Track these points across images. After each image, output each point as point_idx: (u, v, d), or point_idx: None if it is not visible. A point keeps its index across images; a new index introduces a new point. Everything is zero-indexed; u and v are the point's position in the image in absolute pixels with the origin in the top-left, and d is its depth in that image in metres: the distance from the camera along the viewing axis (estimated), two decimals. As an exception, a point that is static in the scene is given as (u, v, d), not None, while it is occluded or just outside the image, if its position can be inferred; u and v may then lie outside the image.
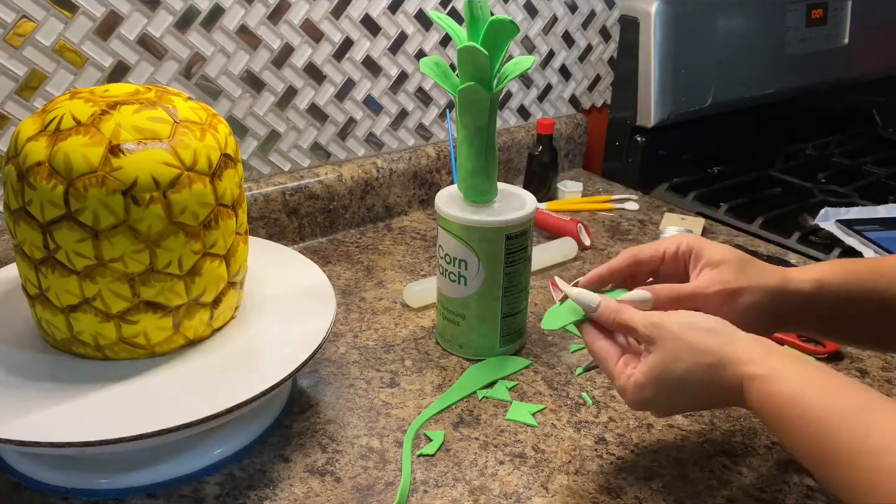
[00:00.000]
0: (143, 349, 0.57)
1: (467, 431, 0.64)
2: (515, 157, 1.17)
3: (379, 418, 0.65)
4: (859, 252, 0.97)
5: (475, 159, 0.67)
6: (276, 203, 0.93)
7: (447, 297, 0.72)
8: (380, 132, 1.03)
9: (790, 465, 0.61)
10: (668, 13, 1.15)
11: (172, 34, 0.82)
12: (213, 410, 0.52)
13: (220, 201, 0.57)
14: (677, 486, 0.58)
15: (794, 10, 1.33)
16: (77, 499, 0.56)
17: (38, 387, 0.54)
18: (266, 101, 0.92)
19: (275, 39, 0.89)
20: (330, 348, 0.74)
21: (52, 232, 0.52)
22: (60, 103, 0.54)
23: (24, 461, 0.58)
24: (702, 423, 0.65)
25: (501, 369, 0.72)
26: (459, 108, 0.66)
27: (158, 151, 0.52)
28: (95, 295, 0.54)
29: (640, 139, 1.23)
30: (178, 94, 0.58)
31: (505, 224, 0.67)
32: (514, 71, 0.66)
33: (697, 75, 1.22)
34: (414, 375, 0.71)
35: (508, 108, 1.17)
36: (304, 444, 0.62)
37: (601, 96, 1.29)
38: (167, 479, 0.57)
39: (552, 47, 1.17)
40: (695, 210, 1.13)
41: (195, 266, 0.56)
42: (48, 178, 0.51)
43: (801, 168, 1.33)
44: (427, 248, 0.97)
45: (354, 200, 1.00)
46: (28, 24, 0.74)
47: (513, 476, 0.59)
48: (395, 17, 0.98)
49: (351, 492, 0.57)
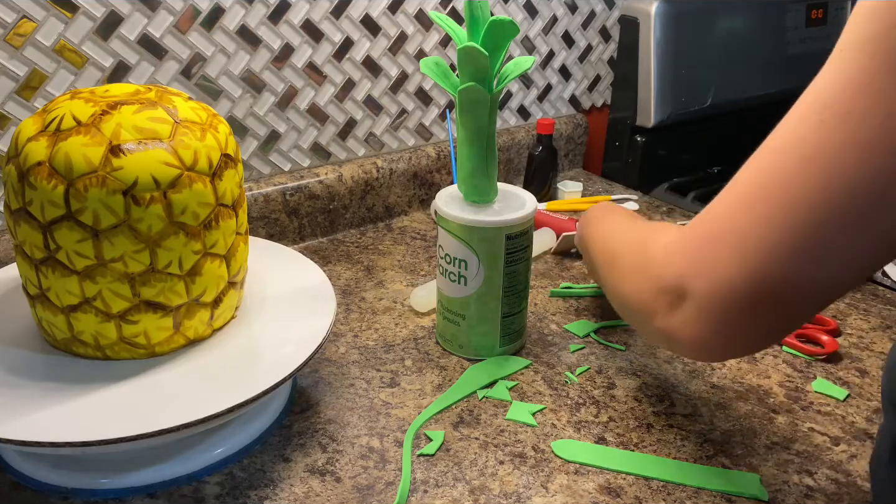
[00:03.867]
0: (143, 349, 0.57)
1: (467, 431, 0.64)
2: (515, 157, 1.17)
3: (379, 418, 0.65)
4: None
5: (475, 159, 0.67)
6: (277, 203, 0.93)
7: (447, 297, 0.72)
8: (380, 132, 1.03)
9: (790, 464, 0.61)
10: (668, 13, 1.15)
11: (172, 34, 0.82)
12: (213, 410, 0.52)
13: (221, 201, 0.57)
14: (677, 487, 0.58)
15: (794, 10, 1.33)
16: (77, 499, 0.56)
17: (38, 387, 0.54)
18: (266, 101, 0.92)
19: (275, 39, 0.89)
20: (330, 348, 0.74)
21: (52, 232, 0.52)
22: (61, 103, 0.54)
23: (24, 461, 0.58)
24: (702, 423, 0.65)
25: (501, 369, 0.72)
26: (459, 108, 0.66)
27: (159, 151, 0.52)
28: (96, 295, 0.54)
29: (639, 139, 1.23)
30: (179, 94, 0.58)
31: (505, 224, 0.68)
32: (514, 71, 0.66)
33: (697, 75, 1.22)
34: (414, 375, 0.71)
35: (508, 108, 1.17)
36: (304, 444, 0.62)
37: (601, 96, 1.29)
38: (167, 479, 0.57)
39: (552, 47, 1.17)
40: (695, 210, 1.13)
41: (195, 266, 0.57)
42: (48, 178, 0.51)
43: (801, 168, 1.33)
44: (427, 248, 0.97)
45: (354, 200, 1.00)
46: (28, 24, 0.74)
47: (513, 476, 0.59)
48: (395, 17, 0.98)
49: (351, 492, 0.57)
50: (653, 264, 0.46)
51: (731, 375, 0.72)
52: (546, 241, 0.95)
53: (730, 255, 0.40)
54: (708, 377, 0.72)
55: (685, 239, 0.44)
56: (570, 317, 0.82)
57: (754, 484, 0.58)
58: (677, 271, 0.43)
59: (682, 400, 0.68)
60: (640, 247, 0.49)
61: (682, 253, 0.44)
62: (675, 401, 0.68)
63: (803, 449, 0.63)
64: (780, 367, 0.73)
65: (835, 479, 0.59)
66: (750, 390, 0.70)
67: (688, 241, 0.44)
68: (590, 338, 0.78)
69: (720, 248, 0.41)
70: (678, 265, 0.43)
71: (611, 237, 0.59)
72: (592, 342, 0.77)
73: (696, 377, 0.72)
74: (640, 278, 0.48)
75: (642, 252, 0.48)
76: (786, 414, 0.67)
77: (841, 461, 0.61)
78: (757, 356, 0.75)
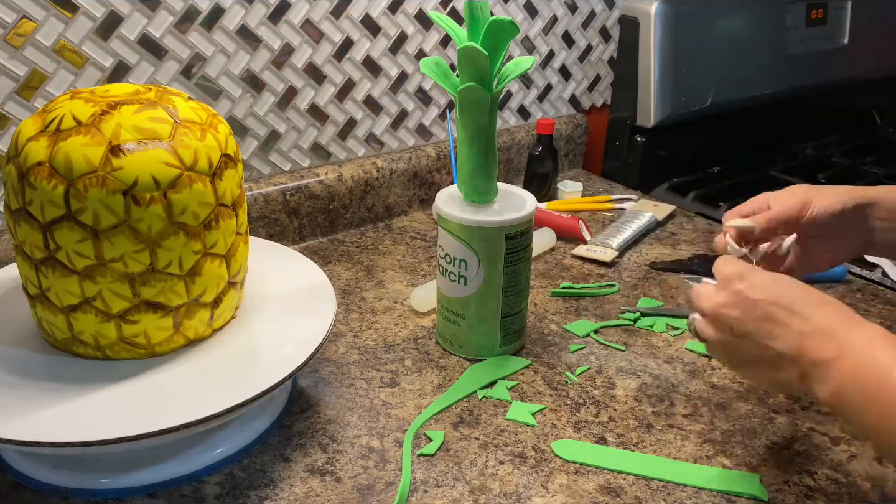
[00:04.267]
0: (143, 349, 0.57)
1: (467, 431, 0.64)
2: (515, 157, 1.17)
3: (379, 418, 0.65)
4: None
5: (475, 159, 0.67)
6: (277, 203, 0.93)
7: (447, 297, 0.72)
8: (380, 132, 1.03)
9: (790, 465, 0.61)
10: (668, 13, 1.15)
11: (172, 34, 0.82)
12: (213, 410, 0.52)
13: (221, 201, 0.57)
14: (677, 487, 0.58)
15: (794, 10, 1.33)
16: (77, 499, 0.56)
17: (38, 387, 0.54)
18: (266, 101, 0.92)
19: (275, 39, 0.89)
20: (330, 348, 0.74)
21: (52, 232, 0.52)
22: (61, 103, 0.54)
23: (24, 461, 0.58)
24: (702, 422, 0.65)
25: (501, 369, 0.72)
26: (459, 108, 0.66)
27: (159, 151, 0.52)
28: (96, 295, 0.54)
29: (639, 139, 1.23)
30: (179, 94, 0.58)
31: (505, 224, 0.68)
32: (514, 71, 0.66)
33: (697, 75, 1.22)
34: (414, 375, 0.71)
35: (508, 108, 1.17)
36: (304, 444, 0.62)
37: (601, 96, 1.29)
38: (167, 479, 0.57)
39: (552, 47, 1.17)
40: (695, 210, 1.13)
41: (195, 266, 0.57)
42: (48, 178, 0.51)
43: (801, 168, 1.33)
44: (427, 248, 0.97)
45: (354, 200, 1.00)
46: (28, 25, 0.74)
47: (513, 476, 0.59)
48: (395, 17, 0.98)
49: (351, 492, 0.57)
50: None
51: (731, 375, 0.72)
52: (546, 240, 0.95)
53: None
54: (708, 377, 0.72)
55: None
56: (570, 317, 0.82)
57: (754, 484, 0.58)
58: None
59: (682, 400, 0.68)
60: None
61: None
62: (675, 401, 0.68)
63: (803, 449, 0.63)
64: (780, 367, 0.73)
65: (835, 479, 0.59)
66: (750, 390, 0.70)
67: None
68: (590, 338, 0.78)
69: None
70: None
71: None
72: (592, 342, 0.77)
73: (696, 377, 0.72)
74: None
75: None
76: (786, 414, 0.67)
77: (841, 461, 0.61)
78: (757, 356, 0.75)
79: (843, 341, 0.45)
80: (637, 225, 1.00)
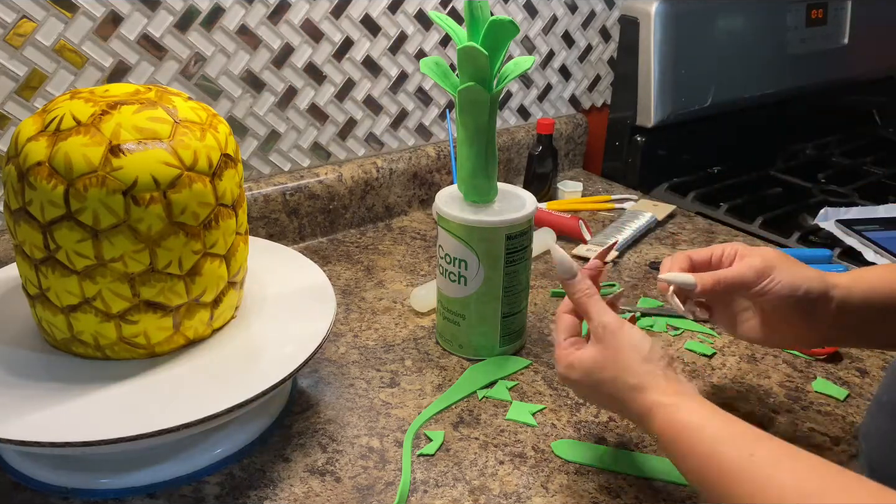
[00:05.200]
0: (143, 349, 0.57)
1: (467, 431, 0.64)
2: (515, 157, 1.17)
3: (379, 418, 0.65)
4: (859, 252, 0.97)
5: (475, 159, 0.67)
6: (276, 203, 0.93)
7: (447, 297, 0.72)
8: (380, 132, 1.03)
9: (790, 465, 0.61)
10: (668, 13, 1.15)
11: (172, 34, 0.82)
12: (213, 410, 0.52)
13: (221, 201, 0.57)
14: (677, 487, 0.58)
15: (794, 10, 1.33)
16: (77, 499, 0.56)
17: (38, 387, 0.54)
18: (266, 101, 0.92)
19: (275, 39, 0.89)
20: (330, 348, 0.74)
21: (52, 232, 0.52)
22: (60, 103, 0.54)
23: (24, 461, 0.58)
24: (702, 423, 0.65)
25: (501, 369, 0.72)
26: (459, 108, 0.66)
27: (158, 151, 0.52)
28: (95, 295, 0.54)
29: (639, 139, 1.23)
30: (179, 94, 0.58)
31: (505, 224, 0.68)
32: (514, 71, 0.66)
33: (697, 75, 1.22)
34: (414, 375, 0.71)
35: (508, 108, 1.17)
36: (304, 444, 0.62)
37: (601, 96, 1.29)
38: (167, 479, 0.57)
39: (552, 47, 1.17)
40: (695, 210, 1.13)
41: (195, 266, 0.57)
42: (48, 178, 0.51)
43: (801, 168, 1.33)
44: (427, 248, 0.97)
45: (354, 200, 1.00)
46: (28, 24, 0.74)
47: (513, 476, 0.59)
48: (395, 17, 0.98)
49: (351, 492, 0.57)
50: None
51: (731, 375, 0.72)
52: (546, 240, 0.95)
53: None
54: (708, 377, 0.72)
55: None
56: (570, 317, 0.82)
57: None
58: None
59: (682, 400, 0.68)
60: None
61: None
62: (675, 401, 0.68)
63: (803, 449, 0.63)
64: (781, 368, 0.73)
65: (835, 479, 0.59)
66: (750, 390, 0.70)
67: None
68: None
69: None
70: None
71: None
72: (592, 342, 0.77)
73: (697, 377, 0.72)
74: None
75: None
76: (786, 414, 0.67)
77: (841, 461, 0.61)
78: (757, 356, 0.75)
79: (654, 401, 0.50)
80: (637, 225, 1.00)
